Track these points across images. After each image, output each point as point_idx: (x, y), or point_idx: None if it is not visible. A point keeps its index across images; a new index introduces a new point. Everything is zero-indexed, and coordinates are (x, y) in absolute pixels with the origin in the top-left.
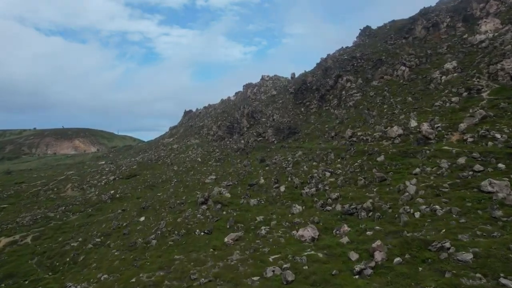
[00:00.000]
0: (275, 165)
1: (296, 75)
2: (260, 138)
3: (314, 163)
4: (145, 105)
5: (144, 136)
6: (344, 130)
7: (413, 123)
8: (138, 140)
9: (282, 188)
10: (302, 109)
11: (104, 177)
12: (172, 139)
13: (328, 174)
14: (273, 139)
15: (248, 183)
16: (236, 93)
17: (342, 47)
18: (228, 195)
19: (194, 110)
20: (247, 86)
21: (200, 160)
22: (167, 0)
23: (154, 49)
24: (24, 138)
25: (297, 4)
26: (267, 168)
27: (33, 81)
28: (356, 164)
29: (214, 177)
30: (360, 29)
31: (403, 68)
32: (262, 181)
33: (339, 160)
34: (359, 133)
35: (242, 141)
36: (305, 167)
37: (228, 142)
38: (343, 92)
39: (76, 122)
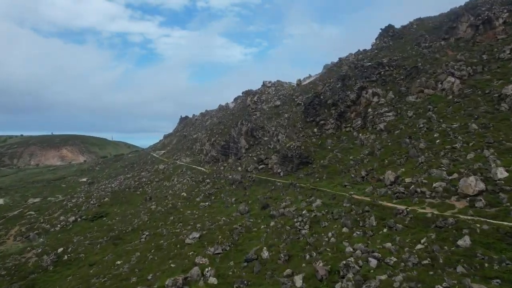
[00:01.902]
0: (283, 219)
1: (302, 80)
2: (261, 166)
3: (345, 229)
4: (145, 106)
5: (142, 138)
6: (380, 169)
7: (500, 172)
8: (132, 146)
9: (298, 282)
10: (315, 130)
11: (63, 217)
12: (162, 152)
13: (373, 261)
14: (279, 170)
15: (245, 257)
16: (235, 99)
17: (359, 50)
18: (213, 280)
19: (190, 116)
20: (247, 94)
21: (185, 195)
22: (168, 2)
23: (155, 50)
24: (7, 147)
25: (297, 4)
26: (272, 223)
27: (33, 81)
28: (421, 247)
29: (197, 234)
30: (380, 29)
31: (451, 79)
32: (265, 254)
33: (385, 230)
34: (406, 180)
35: (239, 168)
36: (330, 234)
37: (222, 167)
38: (370, 109)
39: (73, 124)
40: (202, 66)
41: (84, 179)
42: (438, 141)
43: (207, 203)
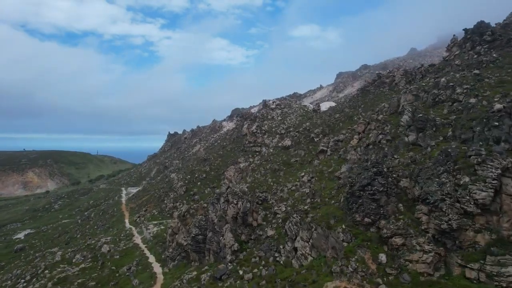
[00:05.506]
0: None
1: (313, 91)
2: None
3: None
4: (145, 108)
5: (140, 141)
6: None
7: None
8: (119, 161)
9: None
10: (377, 241)
11: None
12: (135, 190)
13: None
14: None
15: None
16: (230, 117)
17: (422, 65)
18: None
19: (180, 132)
20: (244, 117)
21: None
22: (169, 4)
23: (157, 53)
24: None
25: (298, 6)
26: None
27: (33, 84)
28: None
29: None
30: (464, 30)
31: None
32: None
33: None
34: None
35: None
36: None
37: (195, 284)
38: None
39: (71, 127)
40: (204, 69)
41: (22, 235)
42: None
43: None
